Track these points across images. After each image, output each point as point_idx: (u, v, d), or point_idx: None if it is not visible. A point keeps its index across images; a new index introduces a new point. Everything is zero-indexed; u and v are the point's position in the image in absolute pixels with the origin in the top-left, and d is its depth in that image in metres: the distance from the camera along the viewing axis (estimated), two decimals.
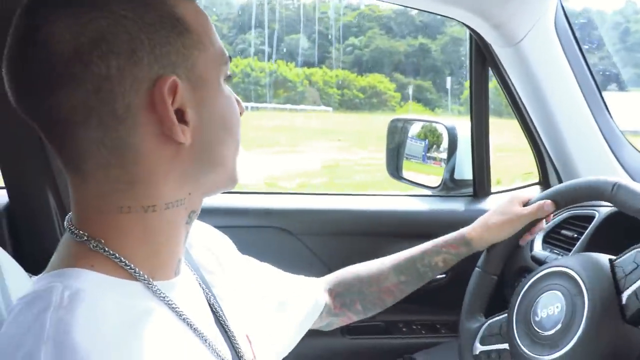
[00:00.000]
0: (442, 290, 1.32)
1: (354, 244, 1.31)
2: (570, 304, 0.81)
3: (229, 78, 0.58)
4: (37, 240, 1.17)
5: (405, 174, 1.51)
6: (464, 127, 1.40)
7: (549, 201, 0.90)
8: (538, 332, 0.83)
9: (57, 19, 0.48)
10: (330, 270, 1.25)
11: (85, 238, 0.52)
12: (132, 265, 0.52)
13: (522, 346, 0.85)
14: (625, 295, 0.77)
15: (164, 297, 0.54)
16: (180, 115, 0.52)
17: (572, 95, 1.23)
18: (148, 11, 0.50)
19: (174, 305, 0.54)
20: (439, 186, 1.42)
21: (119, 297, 0.50)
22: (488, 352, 0.93)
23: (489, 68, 1.29)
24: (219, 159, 0.57)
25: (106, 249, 0.52)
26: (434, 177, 1.44)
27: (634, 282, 0.77)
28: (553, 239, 1.22)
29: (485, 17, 1.13)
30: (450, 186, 1.41)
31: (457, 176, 1.40)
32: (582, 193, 0.91)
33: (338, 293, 0.92)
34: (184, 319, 0.55)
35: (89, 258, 0.51)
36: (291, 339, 0.82)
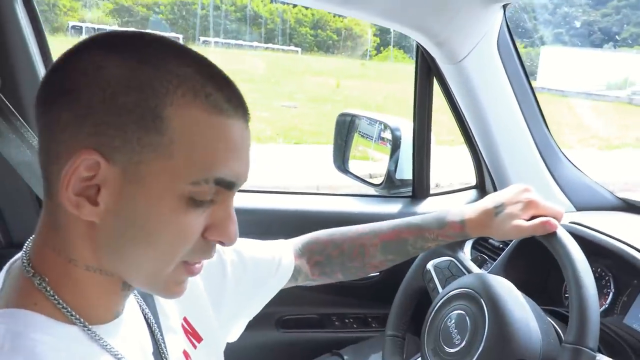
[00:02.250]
0: (375, 286, 1.40)
1: None
2: (473, 323, 0.87)
3: (209, 201, 0.53)
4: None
5: (352, 168, 1.55)
6: (407, 129, 1.42)
7: (553, 221, 0.83)
8: (445, 349, 0.90)
9: None
10: None
11: (31, 274, 0.53)
12: (69, 309, 0.53)
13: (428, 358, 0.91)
14: None
15: (99, 340, 0.55)
16: (95, 193, 0.51)
17: (509, 110, 1.27)
18: (129, 93, 0.49)
19: (109, 348, 0.55)
20: (381, 184, 1.47)
21: (57, 341, 0.52)
22: None
23: (434, 77, 1.31)
24: (129, 260, 0.54)
25: (48, 289, 0.53)
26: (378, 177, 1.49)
27: None
28: (481, 246, 1.30)
29: (428, 34, 1.14)
30: (391, 184, 1.46)
31: (398, 176, 1.44)
32: None
33: (318, 262, 0.93)
34: (119, 359, 0.56)
35: (32, 296, 0.53)
36: (254, 305, 0.87)
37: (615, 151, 7.45)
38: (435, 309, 0.97)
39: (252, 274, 0.85)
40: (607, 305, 1.01)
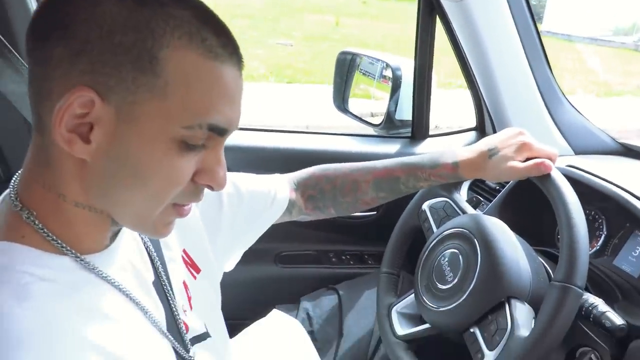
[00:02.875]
0: (372, 224, 1.42)
1: None
2: (465, 261, 0.90)
3: (200, 146, 0.54)
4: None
5: (351, 108, 1.54)
6: (409, 68, 1.41)
7: (547, 162, 0.84)
8: (438, 285, 0.93)
9: None
10: None
11: (19, 208, 0.54)
12: (58, 240, 0.54)
13: (424, 297, 0.95)
14: None
15: (94, 269, 0.56)
16: (88, 131, 0.51)
17: (513, 51, 1.25)
18: (127, 32, 0.48)
19: (104, 275, 0.56)
20: (380, 124, 1.46)
21: (46, 271, 0.52)
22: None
23: (437, 16, 1.28)
24: (118, 200, 0.55)
25: (36, 222, 0.53)
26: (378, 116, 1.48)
27: None
28: (478, 187, 1.31)
29: None
30: (390, 125, 1.45)
31: (397, 116, 1.44)
32: None
33: (311, 196, 0.95)
34: (116, 286, 0.57)
35: (20, 229, 0.54)
36: (249, 237, 0.89)
37: (615, 98, 7.39)
38: (430, 247, 0.99)
39: (247, 206, 0.86)
40: (598, 247, 1.03)
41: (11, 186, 0.57)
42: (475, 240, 0.89)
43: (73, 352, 0.49)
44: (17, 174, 0.58)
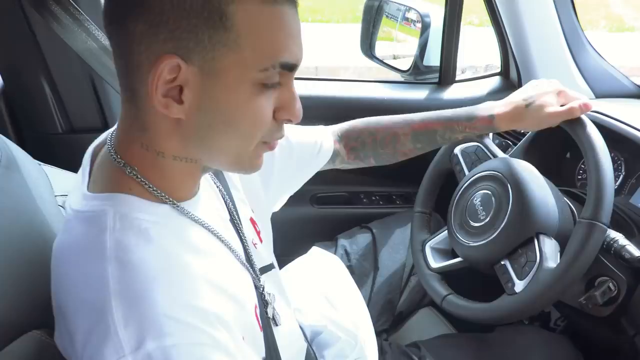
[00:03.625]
0: (400, 167, 1.50)
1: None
2: (497, 201, 0.98)
3: (276, 83, 0.59)
4: (37, 127, 1.23)
5: (378, 53, 1.58)
6: (437, 15, 1.44)
7: (584, 103, 0.91)
8: (470, 223, 1.02)
9: None
10: None
11: (122, 165, 0.61)
12: (159, 191, 0.61)
13: (457, 234, 1.04)
14: None
15: (188, 213, 0.64)
16: (178, 93, 0.57)
17: None
18: None
19: (197, 218, 0.64)
20: (408, 70, 1.51)
21: (156, 217, 0.60)
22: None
23: None
24: (215, 146, 0.61)
25: (138, 176, 0.61)
26: (404, 60, 1.52)
27: None
28: (505, 132, 1.37)
29: None
30: (418, 71, 1.50)
31: (425, 62, 1.49)
32: None
33: (353, 147, 1.02)
34: (206, 227, 0.65)
35: (127, 183, 0.61)
36: (297, 182, 0.98)
37: (627, 33, 7.19)
38: (463, 188, 1.07)
39: (297, 156, 0.94)
40: (616, 187, 1.11)
41: (108, 144, 0.64)
42: (507, 182, 0.98)
43: (192, 284, 0.58)
44: (110, 132, 0.66)
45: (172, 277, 0.57)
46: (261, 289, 0.74)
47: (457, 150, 1.14)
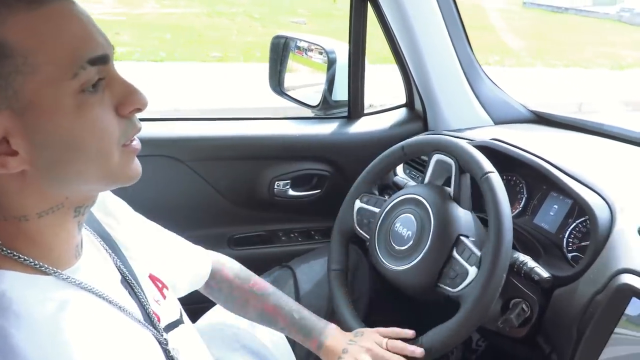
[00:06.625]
0: (317, 202, 1.50)
1: (242, 167, 1.41)
2: (420, 225, 1.00)
3: (98, 82, 0.54)
4: None
5: (287, 90, 1.59)
6: (342, 51, 1.47)
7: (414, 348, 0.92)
8: (394, 247, 1.03)
9: None
10: (219, 193, 1.36)
11: None
12: (39, 263, 0.56)
13: (384, 261, 1.04)
14: None
15: (75, 281, 0.58)
16: (7, 146, 0.51)
17: (438, 32, 1.36)
18: None
19: (84, 285, 0.59)
20: (317, 105, 1.53)
21: (38, 292, 0.54)
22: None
23: (368, 2, 1.36)
24: (74, 177, 0.55)
25: (9, 250, 0.55)
26: (314, 96, 1.54)
27: None
28: (413, 163, 1.41)
29: None
30: (327, 106, 1.52)
31: (333, 97, 1.51)
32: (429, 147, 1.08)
33: (210, 285, 1.00)
34: (96, 293, 0.60)
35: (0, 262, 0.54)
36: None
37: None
38: (382, 216, 1.08)
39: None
40: (520, 209, 1.17)
41: None
42: (424, 200, 1.01)
43: None
44: None
45: None
46: (164, 344, 0.69)
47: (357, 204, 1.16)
